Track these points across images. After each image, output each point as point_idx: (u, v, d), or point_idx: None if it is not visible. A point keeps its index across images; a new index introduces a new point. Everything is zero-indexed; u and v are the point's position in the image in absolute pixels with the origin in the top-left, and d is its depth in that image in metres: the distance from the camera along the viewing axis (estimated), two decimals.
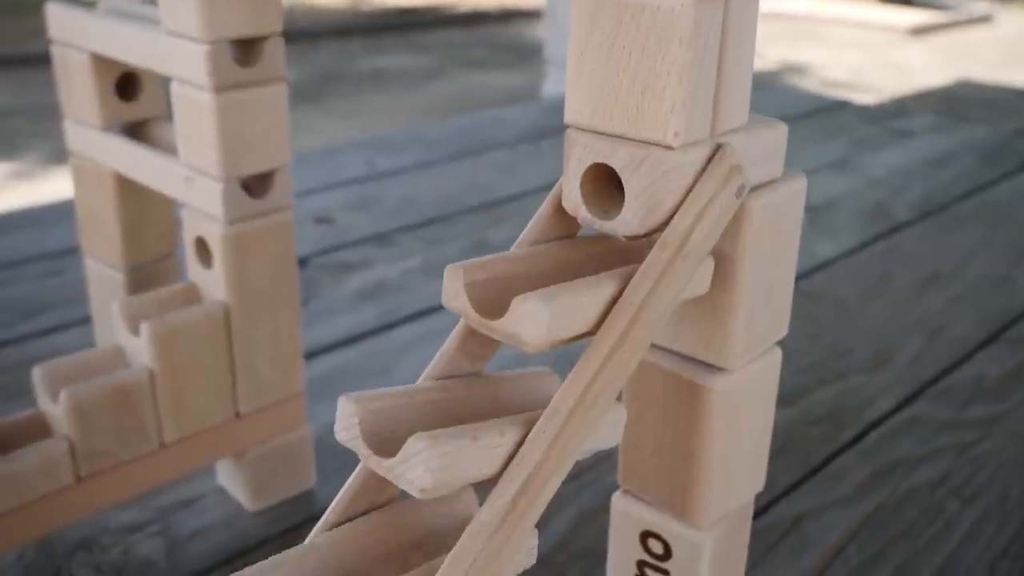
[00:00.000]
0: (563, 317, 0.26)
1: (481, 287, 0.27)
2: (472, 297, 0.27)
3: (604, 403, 0.26)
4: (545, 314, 0.25)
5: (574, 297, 0.26)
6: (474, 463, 0.24)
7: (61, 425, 0.42)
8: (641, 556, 0.35)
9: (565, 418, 0.25)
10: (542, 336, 0.25)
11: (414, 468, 0.24)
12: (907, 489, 0.53)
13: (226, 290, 0.45)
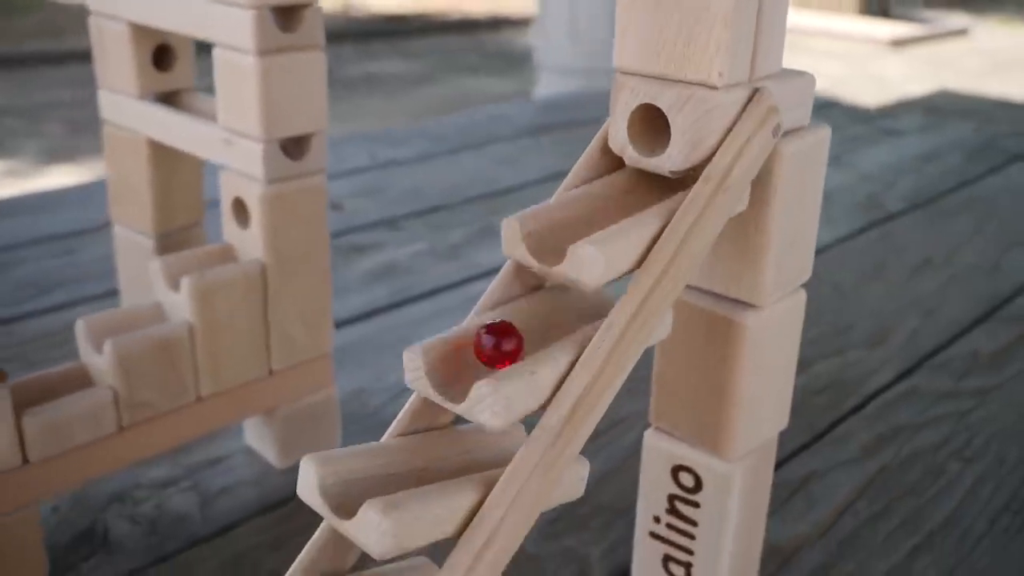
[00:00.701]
0: (616, 258, 0.28)
1: (537, 237, 0.29)
2: (531, 247, 0.29)
3: (653, 323, 0.28)
4: (600, 259, 0.27)
5: (624, 238, 0.28)
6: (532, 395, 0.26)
7: (105, 375, 0.44)
8: (672, 490, 0.37)
9: (619, 334, 0.27)
10: (598, 278, 0.27)
11: (481, 412, 0.26)
12: (910, 452, 0.55)
13: (263, 249, 0.47)
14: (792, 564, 0.46)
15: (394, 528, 0.24)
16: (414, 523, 0.24)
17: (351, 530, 0.25)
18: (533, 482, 0.26)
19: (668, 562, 0.38)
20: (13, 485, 0.41)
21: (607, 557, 0.46)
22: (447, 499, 0.25)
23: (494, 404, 0.25)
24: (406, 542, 0.24)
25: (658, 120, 0.31)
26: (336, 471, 0.26)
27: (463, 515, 0.26)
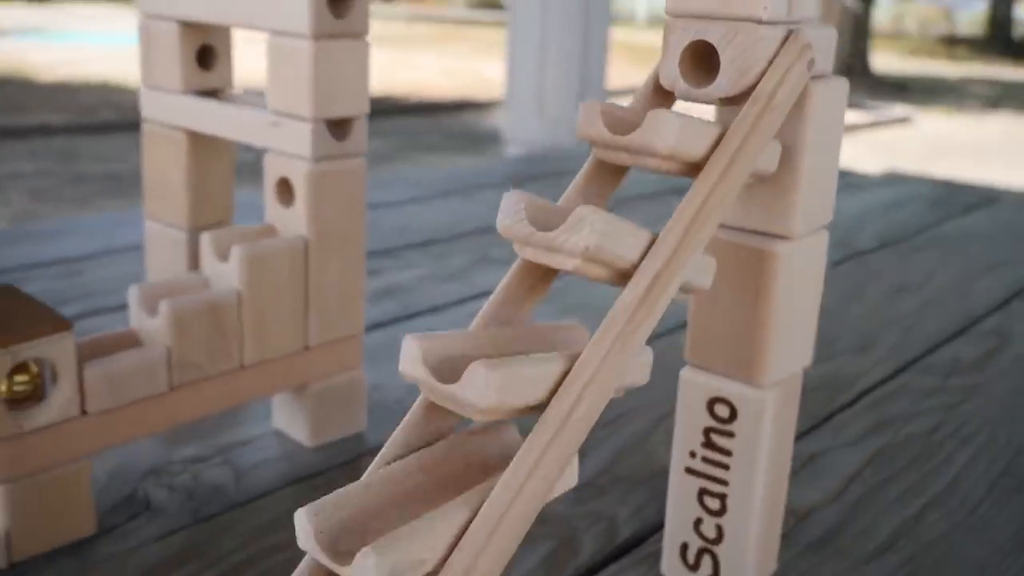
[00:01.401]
0: None
1: None
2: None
3: (713, 223, 0.31)
4: None
5: None
6: None
7: (159, 336, 0.46)
8: (708, 423, 0.40)
9: (686, 225, 0.30)
10: None
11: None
12: (906, 435, 0.58)
13: (306, 226, 0.49)
14: (807, 522, 0.48)
15: (499, 382, 0.27)
16: (514, 380, 0.27)
17: (457, 392, 0.27)
18: (611, 357, 0.29)
19: (703, 496, 0.41)
20: (71, 435, 0.43)
21: (633, 518, 0.48)
22: (540, 366, 0.28)
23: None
24: (508, 398, 0.27)
25: (704, 60, 0.34)
26: (435, 346, 0.29)
27: (554, 380, 0.28)
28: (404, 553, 0.25)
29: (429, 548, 0.25)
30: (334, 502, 0.27)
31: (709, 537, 0.41)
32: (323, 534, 0.26)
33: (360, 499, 0.27)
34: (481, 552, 0.26)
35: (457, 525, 0.26)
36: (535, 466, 0.27)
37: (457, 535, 0.26)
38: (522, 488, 0.27)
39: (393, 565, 0.25)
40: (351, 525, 0.27)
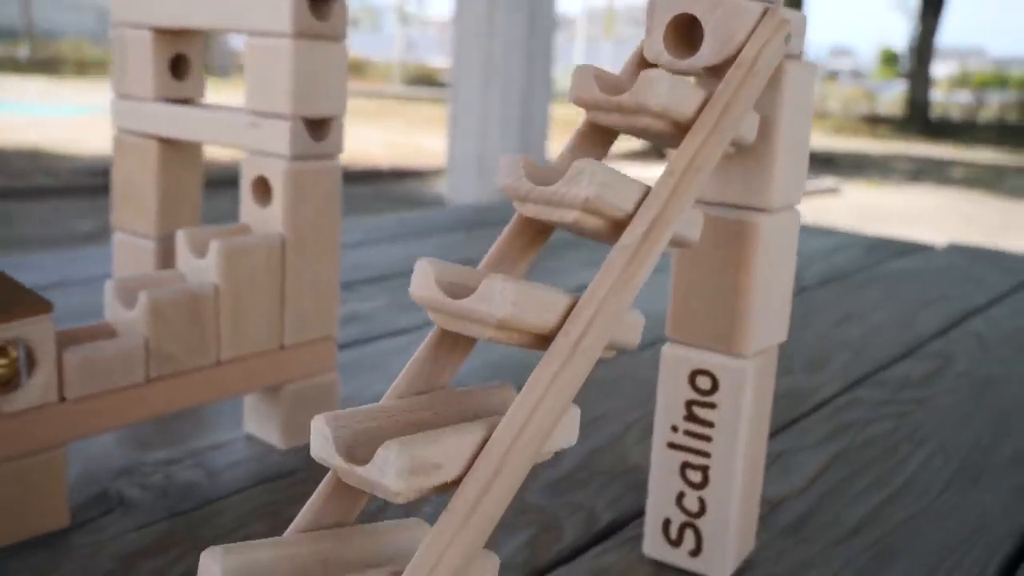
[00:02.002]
0: None
1: None
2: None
3: (702, 178, 0.33)
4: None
5: None
6: None
7: (136, 327, 0.45)
8: (690, 396, 0.41)
9: (678, 178, 0.32)
10: None
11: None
12: (864, 439, 0.60)
13: (282, 224, 0.50)
14: (779, 510, 0.49)
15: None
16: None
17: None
18: (610, 299, 0.30)
19: (686, 469, 0.42)
20: (48, 422, 0.42)
21: (611, 507, 0.49)
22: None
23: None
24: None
25: (685, 34, 0.36)
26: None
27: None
28: (423, 453, 0.25)
29: (445, 455, 0.26)
30: (350, 415, 0.27)
31: (692, 511, 0.42)
32: (340, 439, 0.27)
33: (375, 417, 0.28)
34: (498, 472, 0.26)
35: (474, 442, 0.27)
36: (542, 398, 0.28)
37: (474, 452, 0.27)
38: (534, 411, 0.27)
39: (412, 460, 0.25)
40: (366, 437, 0.27)
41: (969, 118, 11.06)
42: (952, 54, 16.67)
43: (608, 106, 0.34)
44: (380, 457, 0.26)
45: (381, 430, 0.28)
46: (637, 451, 0.56)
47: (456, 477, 0.27)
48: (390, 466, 0.25)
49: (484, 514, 0.26)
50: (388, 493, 0.26)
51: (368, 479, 0.26)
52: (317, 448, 0.27)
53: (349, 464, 0.26)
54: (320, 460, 0.27)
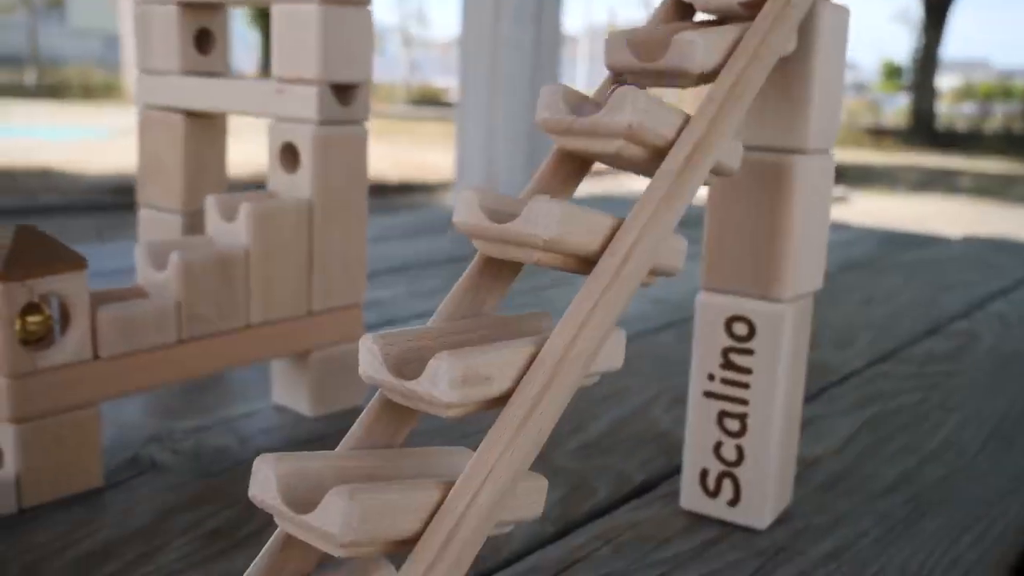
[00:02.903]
0: None
1: None
2: None
3: (743, 105, 0.32)
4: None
5: None
6: None
7: (168, 288, 0.45)
8: (726, 343, 0.41)
9: (719, 104, 0.32)
10: None
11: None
12: (895, 406, 0.59)
13: (310, 189, 0.50)
14: (813, 469, 0.49)
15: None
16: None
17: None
18: (658, 216, 0.30)
19: (723, 418, 0.41)
20: (83, 379, 0.42)
21: (642, 469, 0.48)
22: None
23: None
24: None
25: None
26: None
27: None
28: (475, 363, 0.25)
29: (496, 368, 0.26)
30: (398, 334, 0.27)
31: (729, 460, 0.41)
32: (389, 356, 0.26)
33: (422, 337, 0.28)
34: (547, 387, 0.26)
35: (524, 356, 0.27)
36: (588, 317, 0.28)
37: (523, 366, 0.26)
38: (581, 328, 0.27)
39: (465, 370, 0.25)
40: (414, 355, 0.27)
41: (975, 129, 11.06)
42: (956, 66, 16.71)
43: (644, 72, 0.33)
44: (432, 368, 0.25)
45: (429, 349, 0.28)
46: (665, 419, 0.55)
47: (506, 391, 0.26)
48: (442, 376, 0.25)
49: (533, 429, 0.26)
50: (439, 406, 0.26)
51: (418, 392, 0.26)
52: (365, 366, 0.27)
53: (399, 379, 0.26)
54: (368, 378, 0.27)
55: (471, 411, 0.26)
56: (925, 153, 8.99)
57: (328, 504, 0.24)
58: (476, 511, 0.25)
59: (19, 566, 0.36)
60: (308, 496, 0.25)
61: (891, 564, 0.39)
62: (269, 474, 0.25)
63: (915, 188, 6.16)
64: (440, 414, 0.26)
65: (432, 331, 0.29)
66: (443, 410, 0.26)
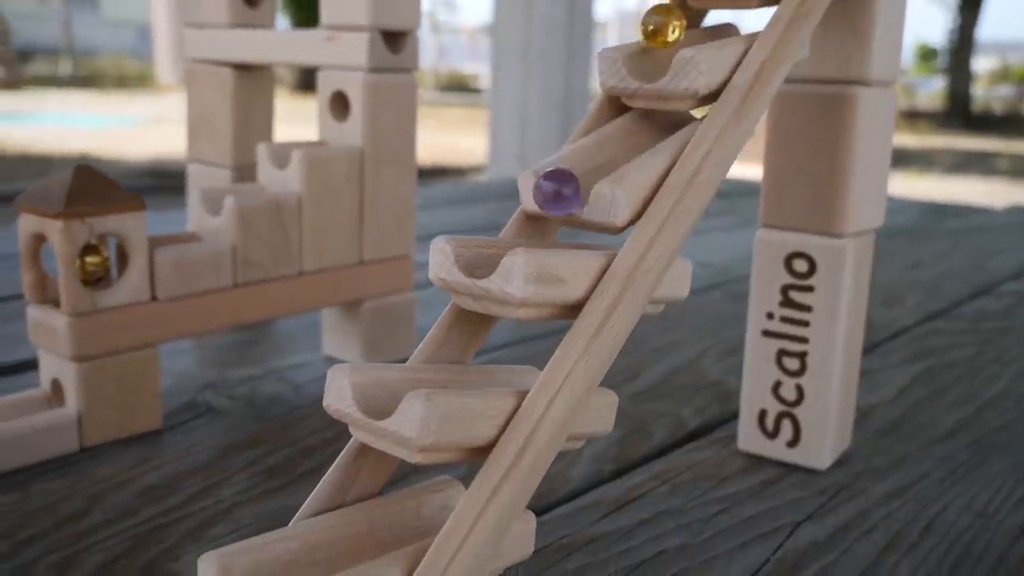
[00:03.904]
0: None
1: None
2: None
3: (812, 20, 0.32)
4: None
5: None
6: None
7: (223, 233, 0.45)
8: (786, 280, 0.40)
9: (786, 24, 0.31)
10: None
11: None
12: (949, 360, 0.59)
13: (362, 136, 0.50)
14: (871, 417, 0.48)
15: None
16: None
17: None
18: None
19: (782, 357, 0.41)
20: (141, 320, 0.42)
21: (697, 415, 0.48)
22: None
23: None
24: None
25: None
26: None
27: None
28: (550, 262, 0.25)
29: (570, 271, 0.25)
30: (468, 239, 0.27)
31: (789, 400, 0.41)
32: (461, 259, 0.26)
33: (492, 245, 0.28)
34: (620, 296, 0.26)
35: (597, 265, 0.26)
36: (662, 226, 0.27)
37: (595, 277, 0.26)
38: (658, 234, 0.27)
39: (540, 267, 0.25)
40: (484, 260, 0.27)
41: (1012, 111, 10.89)
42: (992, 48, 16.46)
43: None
44: (507, 264, 0.25)
45: (499, 256, 0.28)
46: (716, 369, 0.55)
47: (578, 299, 0.26)
48: (517, 272, 0.25)
49: (608, 338, 0.26)
50: (511, 304, 0.25)
51: (491, 291, 0.26)
52: (436, 267, 0.27)
53: (471, 279, 0.26)
54: (439, 280, 0.27)
55: (543, 315, 0.26)
56: (961, 136, 8.87)
57: (406, 408, 0.23)
58: (551, 419, 0.25)
59: (84, 498, 0.37)
60: (382, 405, 0.25)
61: (955, 503, 0.39)
62: (344, 383, 0.25)
63: (951, 170, 6.08)
64: (512, 316, 0.26)
65: (500, 241, 0.28)
66: (515, 310, 0.26)
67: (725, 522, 0.37)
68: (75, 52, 12.20)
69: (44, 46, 12.06)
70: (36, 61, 11.19)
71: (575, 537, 0.35)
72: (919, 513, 0.38)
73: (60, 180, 0.40)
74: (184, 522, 0.35)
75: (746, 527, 0.36)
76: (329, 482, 0.27)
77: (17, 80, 9.13)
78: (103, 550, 0.33)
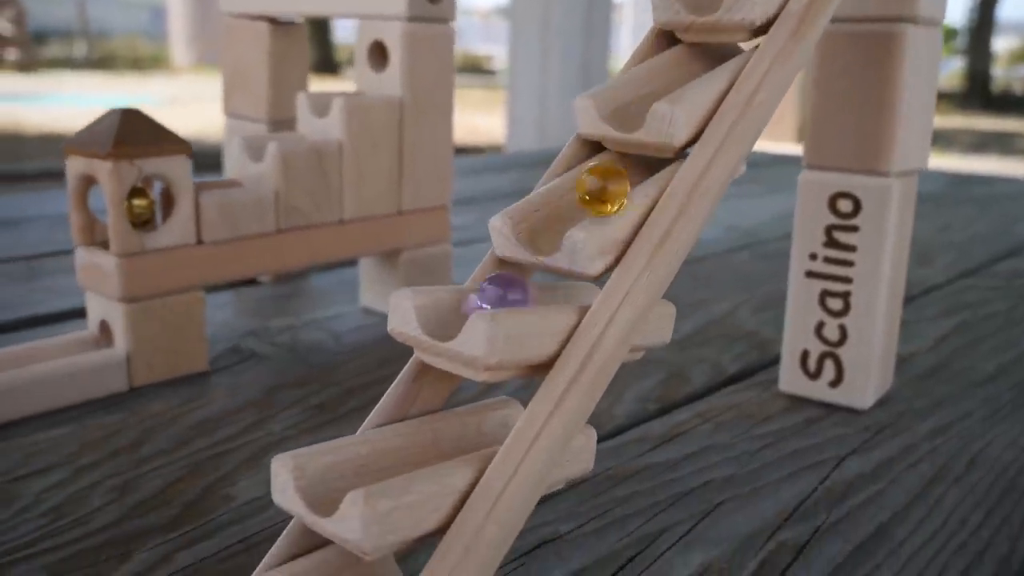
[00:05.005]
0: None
1: None
2: None
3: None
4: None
5: None
6: None
7: (265, 179, 0.46)
8: (830, 220, 0.40)
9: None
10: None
11: None
12: (985, 313, 0.59)
13: (400, 85, 0.50)
14: (909, 363, 0.48)
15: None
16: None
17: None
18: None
19: (825, 297, 0.41)
20: (188, 263, 0.43)
21: (736, 361, 0.48)
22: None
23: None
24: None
25: None
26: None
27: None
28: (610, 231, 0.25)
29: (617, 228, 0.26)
30: (521, 205, 0.27)
31: (832, 340, 0.41)
32: (521, 234, 0.27)
33: (543, 205, 0.28)
34: (681, 212, 0.26)
35: (659, 186, 0.27)
36: (726, 137, 0.27)
37: (657, 194, 0.26)
38: (723, 142, 0.27)
39: (603, 241, 0.25)
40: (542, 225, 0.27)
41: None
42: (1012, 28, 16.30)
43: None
44: (570, 240, 0.25)
45: (555, 219, 0.28)
46: (751, 321, 0.55)
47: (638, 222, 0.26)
48: (581, 249, 0.25)
49: (670, 250, 0.26)
50: (585, 277, 0.26)
51: (562, 268, 0.26)
52: (499, 247, 0.27)
53: (536, 256, 0.26)
54: (494, 229, 0.27)
55: (609, 266, 0.26)
56: (980, 116, 8.80)
57: (472, 327, 0.24)
58: (613, 332, 0.25)
59: (138, 431, 0.37)
60: (446, 326, 0.25)
61: (999, 439, 0.39)
62: (407, 306, 0.25)
63: (970, 150, 6.04)
64: (588, 274, 0.26)
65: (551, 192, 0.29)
66: (585, 262, 0.26)
67: (771, 455, 0.37)
68: (89, 34, 12.22)
69: (59, 28, 12.09)
70: (51, 43, 11.21)
71: (623, 468, 0.35)
72: (963, 448, 0.38)
73: (108, 122, 0.40)
74: (238, 452, 0.36)
75: (792, 459, 0.36)
76: (393, 396, 0.27)
77: (33, 62, 9.16)
78: (160, 476, 0.34)
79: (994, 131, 7.58)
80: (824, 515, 0.32)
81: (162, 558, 0.28)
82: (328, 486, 0.23)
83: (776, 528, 0.31)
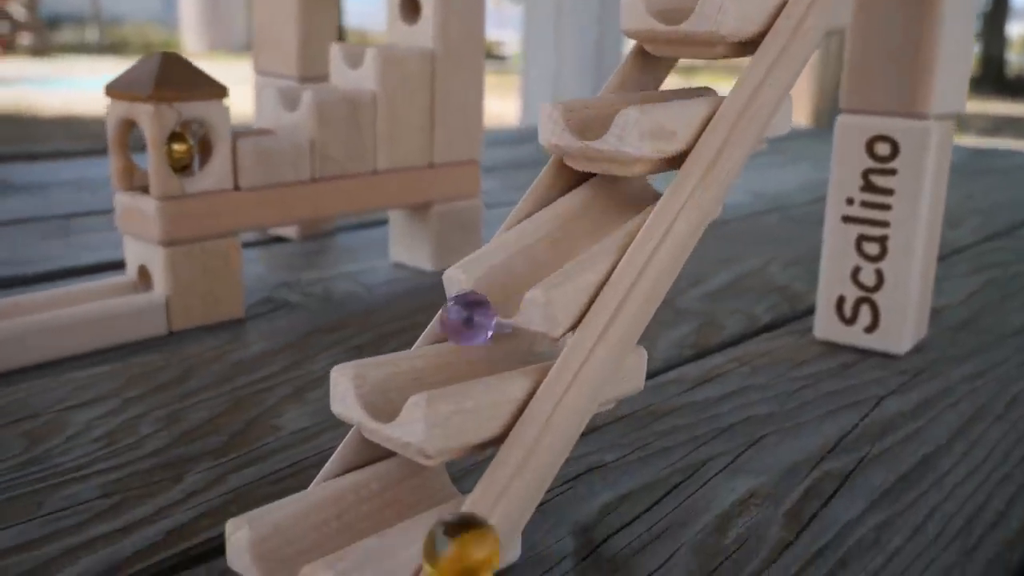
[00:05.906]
0: None
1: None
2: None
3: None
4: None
5: None
6: None
7: (300, 128, 0.46)
8: (867, 164, 0.40)
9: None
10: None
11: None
12: (1015, 271, 0.58)
13: (432, 38, 0.50)
14: (941, 316, 0.48)
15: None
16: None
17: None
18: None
19: (862, 242, 0.41)
20: (226, 208, 0.43)
21: (768, 312, 0.48)
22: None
23: None
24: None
25: None
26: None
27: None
28: (662, 116, 0.25)
29: (679, 123, 0.26)
30: (571, 101, 0.27)
31: (868, 285, 0.41)
32: (571, 122, 0.27)
33: (596, 105, 0.28)
34: (727, 142, 0.26)
35: (701, 116, 0.27)
36: (772, 67, 0.27)
37: (700, 127, 0.27)
38: (766, 75, 0.27)
39: (653, 122, 0.25)
40: (593, 121, 0.27)
41: None
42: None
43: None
44: (621, 119, 0.25)
45: (609, 114, 0.28)
46: (781, 276, 0.55)
47: (684, 150, 0.26)
48: (631, 128, 0.25)
49: (722, 168, 0.26)
50: (628, 160, 0.26)
51: (606, 150, 0.26)
52: (547, 132, 0.27)
53: (584, 143, 0.26)
54: (550, 145, 0.27)
55: (655, 169, 0.26)
56: (994, 101, 8.74)
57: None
58: (671, 242, 0.25)
59: (181, 369, 0.38)
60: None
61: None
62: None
63: (984, 134, 6.00)
64: (627, 172, 0.26)
65: (605, 99, 0.29)
66: (631, 165, 0.26)
67: (810, 395, 0.37)
68: (101, 20, 12.23)
69: (71, 14, 12.09)
70: (64, 29, 11.22)
71: (662, 405, 0.35)
72: (1002, 390, 0.38)
73: (149, 66, 0.40)
74: (280, 388, 0.36)
75: (831, 399, 0.37)
76: (437, 324, 0.27)
77: (46, 47, 9.17)
78: (206, 408, 0.34)
79: (1009, 116, 7.53)
80: (867, 447, 0.32)
81: (214, 480, 0.29)
82: (386, 396, 0.24)
83: (820, 459, 0.31)
